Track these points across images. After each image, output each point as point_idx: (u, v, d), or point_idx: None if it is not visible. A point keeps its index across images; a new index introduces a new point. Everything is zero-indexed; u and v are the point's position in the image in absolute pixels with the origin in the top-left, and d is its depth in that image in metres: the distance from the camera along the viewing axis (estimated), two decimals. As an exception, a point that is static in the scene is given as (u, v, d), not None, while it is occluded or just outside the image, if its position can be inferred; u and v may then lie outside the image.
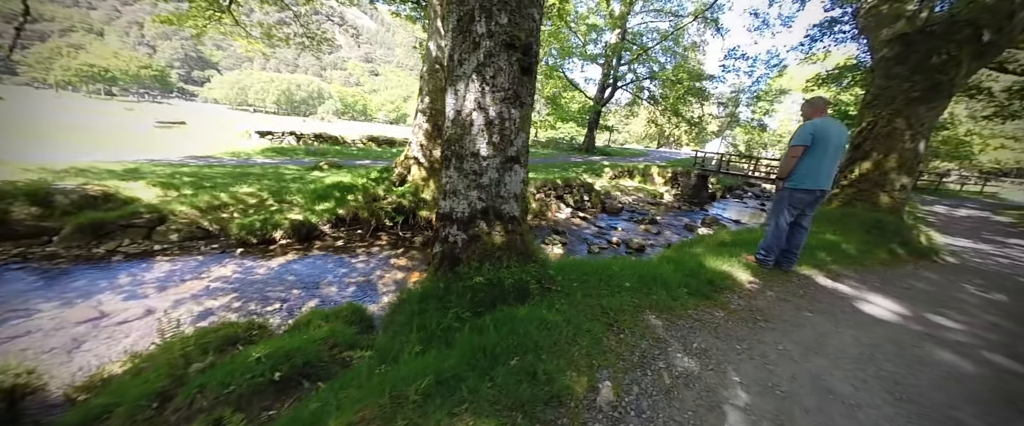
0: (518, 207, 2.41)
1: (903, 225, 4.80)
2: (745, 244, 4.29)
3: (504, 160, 2.25)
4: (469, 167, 2.24)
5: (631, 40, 23.53)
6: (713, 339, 2.10)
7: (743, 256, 3.56)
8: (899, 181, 4.92)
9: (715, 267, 3.21)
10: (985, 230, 8.95)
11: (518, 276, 2.27)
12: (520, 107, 2.23)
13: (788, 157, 3.00)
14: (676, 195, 17.30)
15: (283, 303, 5.03)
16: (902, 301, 3.10)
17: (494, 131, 2.17)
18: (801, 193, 3.05)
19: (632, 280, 2.58)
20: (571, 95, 28.64)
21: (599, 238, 9.61)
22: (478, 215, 2.30)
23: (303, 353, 2.52)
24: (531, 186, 11.74)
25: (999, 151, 21.44)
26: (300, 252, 6.70)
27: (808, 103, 3.07)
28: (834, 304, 2.87)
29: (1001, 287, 3.89)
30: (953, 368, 2.10)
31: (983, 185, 21.14)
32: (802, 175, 3.01)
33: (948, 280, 3.90)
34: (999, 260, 5.48)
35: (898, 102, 4.81)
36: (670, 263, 3.25)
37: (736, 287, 2.94)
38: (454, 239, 2.37)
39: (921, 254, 4.52)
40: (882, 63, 5.01)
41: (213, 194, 7.28)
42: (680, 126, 26.19)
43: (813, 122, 2.95)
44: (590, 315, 2.09)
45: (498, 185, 2.28)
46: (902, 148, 4.81)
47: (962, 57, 4.47)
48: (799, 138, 2.94)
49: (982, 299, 3.42)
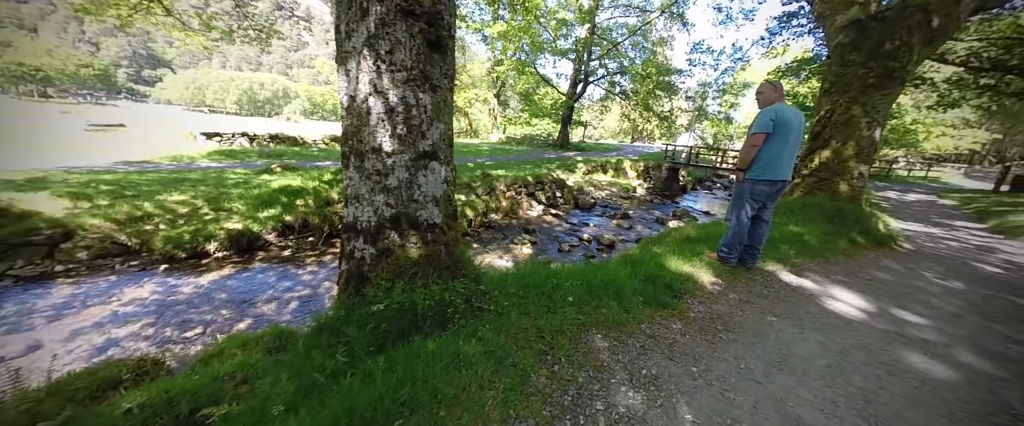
0: (440, 213, 2.02)
1: (862, 213, 4.77)
2: (710, 239, 4.09)
3: (415, 157, 1.85)
4: (371, 166, 1.82)
5: (601, 35, 23.52)
6: (666, 361, 1.78)
7: (706, 254, 3.32)
8: (857, 169, 4.89)
9: (676, 268, 2.93)
10: (933, 213, 9.36)
11: (438, 296, 1.87)
12: (432, 91, 1.83)
13: (748, 146, 2.76)
14: (648, 188, 17.41)
15: (207, 327, 4.41)
16: (866, 295, 2.94)
17: (397, 121, 1.76)
18: (763, 185, 2.81)
19: (580, 291, 2.25)
20: (545, 91, 28.45)
21: (570, 236, 9.37)
22: (387, 224, 1.89)
23: (193, 397, 2.03)
24: (501, 183, 11.36)
25: (940, 139, 23.04)
26: (239, 265, 6.02)
27: (768, 85, 2.83)
28: (799, 304, 2.65)
29: (956, 273, 3.87)
30: (925, 376, 1.89)
31: (927, 171, 22.62)
32: (763, 165, 2.77)
33: (907, 268, 3.83)
34: (950, 244, 5.59)
35: (854, 89, 4.76)
36: (628, 266, 2.95)
37: (697, 290, 2.67)
38: (361, 254, 1.95)
39: (880, 242, 4.48)
40: (838, 50, 4.96)
41: (135, 204, 6.45)
42: (651, 120, 26.55)
43: (773, 108, 2.71)
44: (521, 342, 1.73)
45: (410, 187, 1.87)
46: (859, 136, 4.77)
47: (914, 43, 4.45)
48: (759, 125, 2.70)
49: (941, 288, 3.33)
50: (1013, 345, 2.31)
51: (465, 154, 18.18)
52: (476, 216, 9.33)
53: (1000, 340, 2.39)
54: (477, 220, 9.35)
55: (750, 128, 2.76)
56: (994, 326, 2.62)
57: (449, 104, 1.99)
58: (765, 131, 2.67)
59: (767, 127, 2.67)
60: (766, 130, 2.67)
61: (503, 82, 30.79)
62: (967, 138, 24.12)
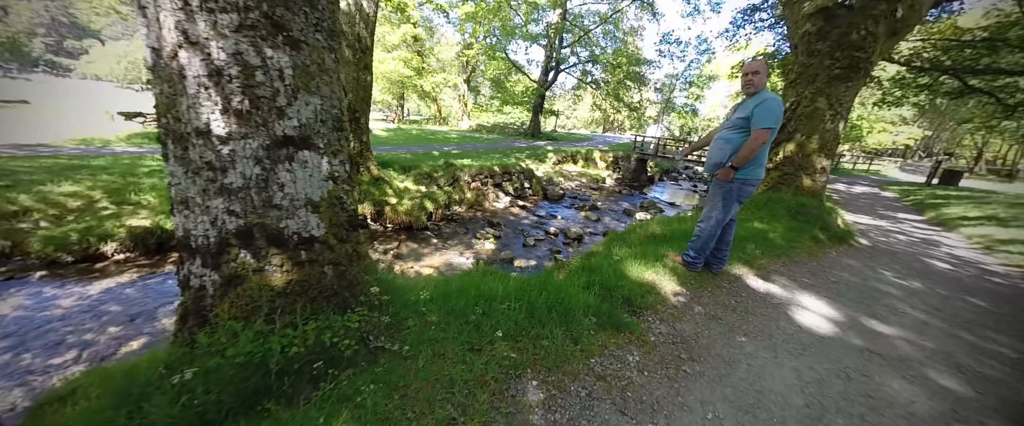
0: (322, 221, 1.46)
1: (823, 209, 4.70)
2: (675, 238, 3.79)
3: (270, 144, 1.28)
4: (198, 157, 1.23)
5: (572, 21, 23.00)
6: (618, 417, 1.37)
7: (669, 256, 2.98)
8: (821, 163, 4.80)
9: (636, 276, 2.56)
10: (878, 206, 9.85)
11: (313, 340, 1.34)
12: (291, 48, 1.25)
13: (756, 142, 2.29)
14: (617, 179, 17.40)
15: (85, 351, 3.59)
16: (835, 302, 2.72)
17: (231, 90, 1.17)
18: (751, 185, 2.46)
19: (518, 316, 1.79)
20: (516, 79, 27.68)
21: (537, 229, 8.99)
22: (233, 240, 1.32)
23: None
24: (466, 174, 10.75)
25: (881, 134, 24.83)
26: (144, 269, 5.09)
27: (764, 64, 2.44)
28: (769, 317, 2.36)
29: (912, 271, 3.82)
30: (911, 411, 1.61)
31: (870, 164, 24.35)
32: (758, 163, 2.41)
33: (868, 267, 3.73)
34: (899, 237, 5.73)
35: (820, 80, 4.60)
36: (583, 275, 2.54)
37: (659, 304, 2.30)
38: (200, 283, 1.37)
39: (840, 238, 4.40)
40: (804, 39, 4.78)
41: (6, 196, 5.28)
42: (621, 111, 26.63)
43: (778, 97, 2.32)
44: (423, 405, 1.25)
45: (264, 188, 1.30)
46: (823, 129, 4.66)
47: (879, 33, 4.33)
48: (773, 118, 2.24)
49: (902, 289, 3.22)
50: (986, 360, 2.14)
51: (432, 142, 17.27)
52: (437, 209, 8.70)
53: (971, 352, 2.21)
54: (438, 213, 8.73)
55: (758, 118, 2.27)
56: (960, 334, 2.47)
57: (330, 70, 1.42)
58: (777, 125, 2.28)
59: (778, 121, 2.27)
60: (778, 124, 2.28)
61: (474, 67, 29.65)
62: (904, 134, 26.27)
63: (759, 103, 2.31)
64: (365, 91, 7.72)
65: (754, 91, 2.39)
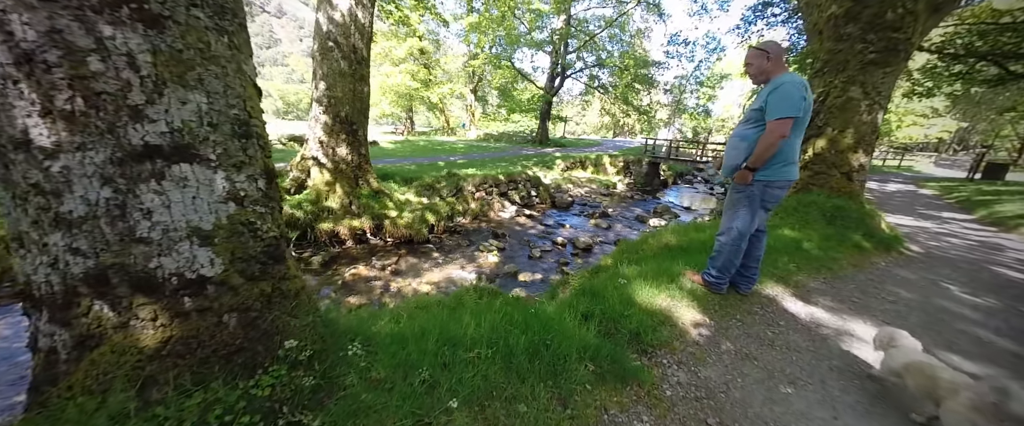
0: (219, 257, 1.11)
1: (864, 212, 4.12)
2: (693, 250, 3.32)
3: (124, 156, 0.93)
4: (22, 176, 0.90)
5: (577, 26, 22.77)
6: None
7: (687, 274, 2.52)
8: (857, 160, 4.24)
9: (647, 302, 2.12)
10: (917, 204, 9.01)
11: (194, 419, 0.97)
12: (149, 27, 0.91)
13: (773, 135, 1.89)
14: (629, 184, 16.82)
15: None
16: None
17: (54, 81, 0.84)
18: (778, 187, 2.02)
19: (492, 366, 1.39)
20: (523, 87, 27.55)
21: (544, 239, 8.56)
22: (81, 288, 0.97)
23: None
24: (470, 183, 10.44)
25: (911, 127, 23.43)
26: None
27: (774, 45, 2.03)
28: (819, 354, 1.88)
29: (981, 283, 3.22)
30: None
31: (901, 159, 22.95)
32: (784, 161, 1.98)
33: (927, 281, 3.16)
34: (952, 241, 5.05)
35: (851, 67, 4.08)
36: (583, 300, 2.12)
37: (676, 339, 1.86)
38: (50, 343, 1.02)
39: (887, 246, 3.82)
40: (831, 22, 4.28)
41: None
42: (631, 114, 26.08)
43: (795, 76, 1.90)
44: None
45: (121, 215, 0.95)
46: (859, 121, 4.11)
47: (919, 11, 3.80)
48: (791, 106, 1.84)
49: (976, 307, 2.65)
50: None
51: (438, 153, 17.14)
52: (439, 221, 8.39)
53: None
54: (441, 226, 8.41)
55: (773, 108, 1.88)
56: (1071, 371, 1.92)
57: (221, 58, 1.08)
58: (796, 114, 1.85)
59: (798, 109, 1.85)
60: (797, 113, 1.85)
61: (480, 77, 29.73)
62: (936, 127, 24.70)
63: (774, 89, 1.90)
64: (362, 103, 7.54)
65: (765, 79, 2.02)
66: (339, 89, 7.11)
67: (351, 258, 6.64)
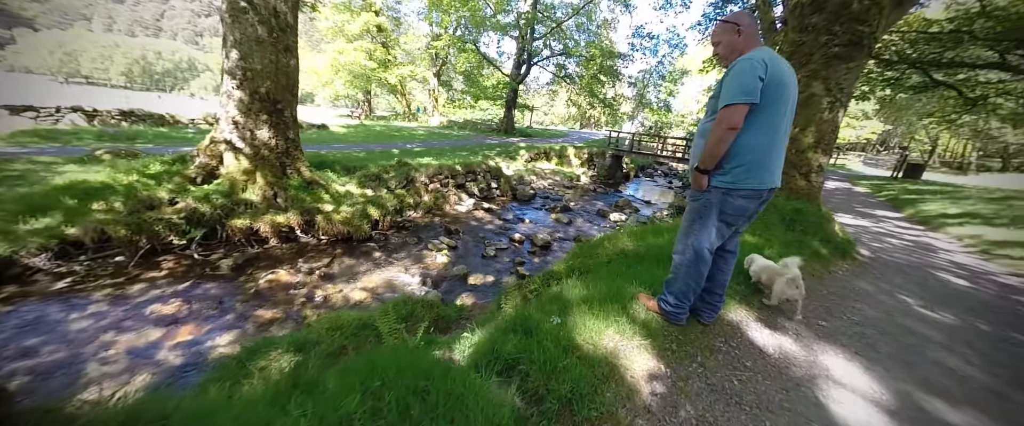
0: None
1: (822, 215, 3.98)
2: (649, 258, 2.93)
3: None
4: None
5: (544, 12, 22.07)
6: None
7: (641, 299, 2.07)
8: (817, 160, 4.08)
9: (591, 344, 1.63)
10: (854, 202, 9.51)
11: None
12: None
13: (721, 127, 1.45)
14: (592, 176, 16.71)
15: None
16: (871, 364, 1.89)
17: None
18: (743, 197, 1.57)
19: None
20: (489, 73, 26.51)
21: (500, 236, 8.03)
22: None
23: None
24: (422, 174, 9.62)
25: (846, 129, 25.52)
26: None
27: (745, 16, 1.57)
28: (796, 410, 1.49)
29: (931, 293, 3.12)
30: None
31: (836, 158, 24.92)
32: (746, 163, 1.52)
33: (884, 292, 2.99)
34: (891, 242, 5.16)
35: (815, 61, 3.86)
36: (510, 341, 1.58)
37: (622, 406, 1.38)
38: None
39: (842, 251, 3.68)
40: (796, 12, 4.02)
41: None
42: (596, 106, 26.04)
43: (759, 53, 1.44)
44: None
45: None
46: (820, 120, 3.93)
47: (884, 2, 3.61)
48: (739, 89, 1.40)
49: (938, 327, 2.46)
50: None
51: (395, 139, 15.95)
52: (385, 216, 7.56)
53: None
54: (386, 221, 7.60)
55: (724, 92, 1.45)
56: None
57: None
58: (749, 101, 1.39)
59: (752, 93, 1.39)
60: (751, 98, 1.39)
61: (444, 60, 28.22)
62: (866, 129, 27.10)
63: (728, 70, 1.48)
64: (288, 78, 6.45)
65: (727, 53, 1.60)
66: (257, 60, 6.00)
67: (273, 260, 5.70)
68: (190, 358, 3.49)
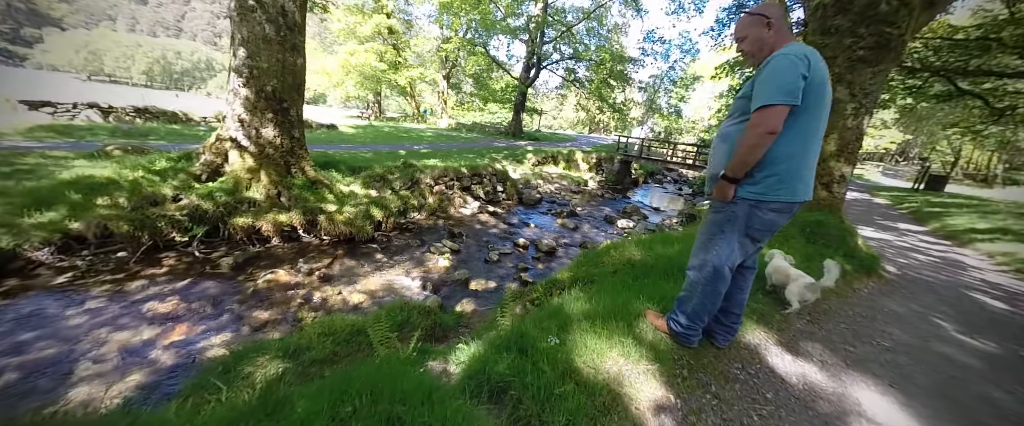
0: None
1: (845, 228, 3.73)
2: (657, 270, 2.75)
3: None
4: None
5: (554, 15, 21.99)
6: None
7: (649, 316, 1.90)
8: (840, 170, 3.85)
9: (592, 367, 1.47)
10: (875, 215, 9.13)
11: None
12: None
13: (756, 131, 1.27)
14: (600, 182, 16.47)
15: None
16: (909, 400, 1.69)
17: None
18: (773, 211, 1.40)
19: None
20: (498, 76, 26.50)
21: (505, 240, 7.87)
22: None
23: None
24: (427, 176, 9.54)
25: (865, 138, 24.82)
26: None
27: (774, 7, 1.40)
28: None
29: (968, 316, 2.86)
30: None
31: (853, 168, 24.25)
32: (781, 172, 1.35)
33: (916, 315, 2.75)
34: (917, 258, 4.86)
35: (839, 64, 3.64)
36: (503, 361, 1.43)
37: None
38: None
39: (867, 267, 3.43)
40: (817, 13, 3.80)
41: None
42: (605, 111, 25.80)
43: (798, 48, 1.27)
44: None
45: None
46: (844, 127, 3.70)
47: (915, 3, 3.39)
48: (779, 85, 1.22)
49: (979, 356, 2.23)
50: None
51: (402, 140, 15.96)
52: (388, 217, 7.47)
53: None
54: (390, 222, 7.51)
55: (759, 91, 1.27)
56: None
57: None
58: (791, 102, 1.22)
59: (794, 93, 1.22)
60: (792, 99, 1.22)
61: (454, 63, 28.33)
62: (885, 138, 26.29)
63: (763, 67, 1.30)
64: (294, 77, 6.43)
65: (758, 63, 1.39)
66: (264, 59, 5.98)
67: (274, 259, 5.63)
68: (181, 359, 3.40)
